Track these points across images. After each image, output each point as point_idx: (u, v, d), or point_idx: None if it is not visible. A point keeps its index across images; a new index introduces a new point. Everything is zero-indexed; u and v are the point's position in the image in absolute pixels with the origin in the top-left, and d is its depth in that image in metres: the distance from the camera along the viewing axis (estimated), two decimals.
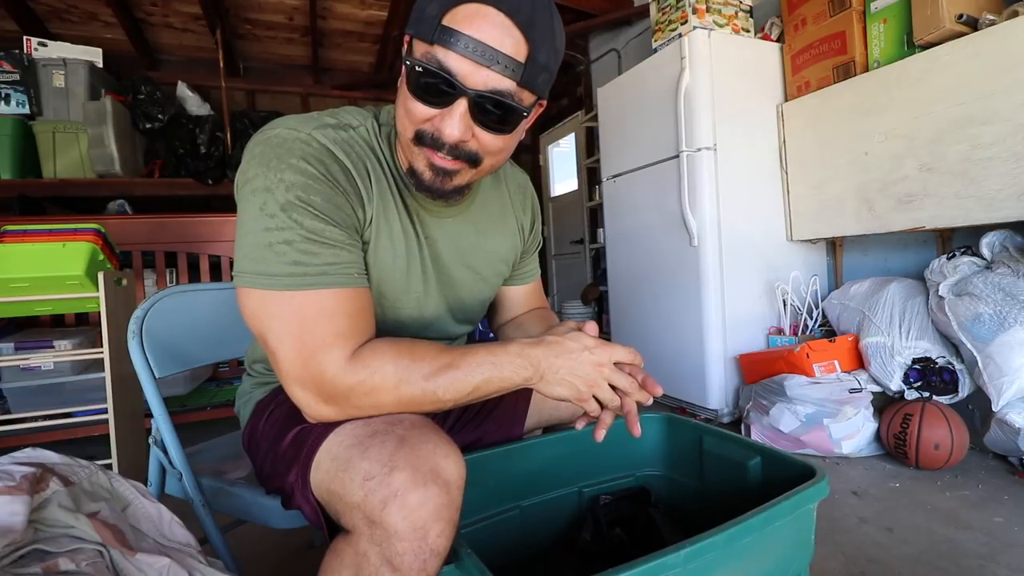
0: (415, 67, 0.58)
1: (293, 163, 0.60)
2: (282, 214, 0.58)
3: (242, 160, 0.63)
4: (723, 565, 0.52)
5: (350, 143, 0.66)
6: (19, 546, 0.47)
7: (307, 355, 0.58)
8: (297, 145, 0.61)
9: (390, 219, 0.69)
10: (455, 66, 0.57)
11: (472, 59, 0.56)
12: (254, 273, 0.59)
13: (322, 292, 0.59)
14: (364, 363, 0.59)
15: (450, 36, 0.56)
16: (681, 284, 2.16)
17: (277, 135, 0.62)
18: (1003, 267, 1.50)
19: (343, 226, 0.62)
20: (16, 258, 1.45)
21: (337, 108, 0.70)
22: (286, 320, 0.59)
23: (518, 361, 0.62)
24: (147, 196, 3.24)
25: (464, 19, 0.56)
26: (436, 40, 0.57)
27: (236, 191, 0.63)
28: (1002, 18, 1.50)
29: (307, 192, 0.59)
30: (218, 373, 2.80)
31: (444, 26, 0.56)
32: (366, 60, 4.34)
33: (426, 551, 0.51)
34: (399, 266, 0.71)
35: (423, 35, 0.58)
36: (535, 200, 0.93)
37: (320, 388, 0.59)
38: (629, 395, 0.65)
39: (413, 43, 0.60)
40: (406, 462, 0.53)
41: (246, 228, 0.60)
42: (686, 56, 2.04)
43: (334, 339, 0.59)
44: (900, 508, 1.35)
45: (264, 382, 0.83)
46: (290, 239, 0.58)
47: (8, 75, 2.82)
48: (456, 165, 0.63)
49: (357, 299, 0.62)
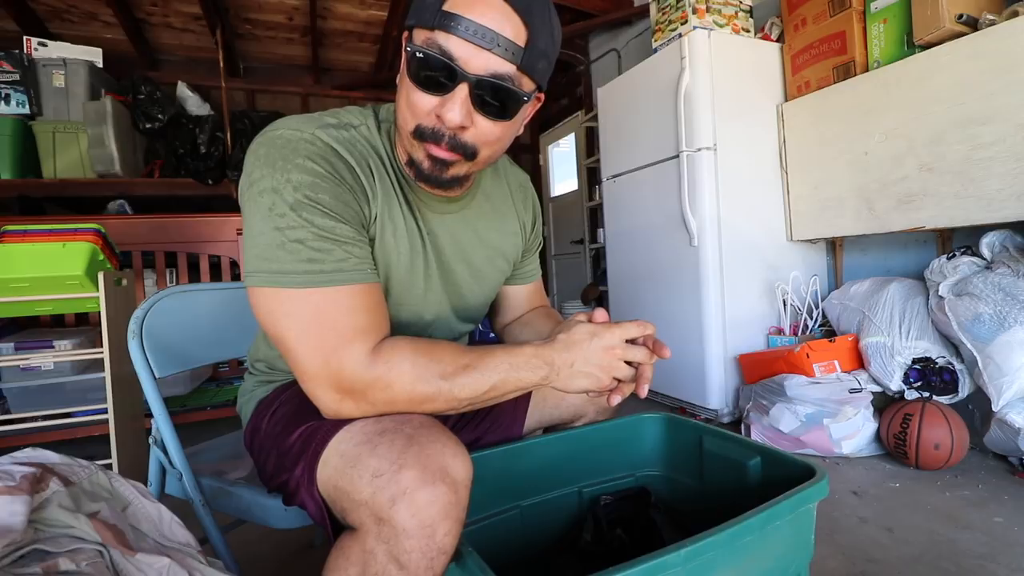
0: (416, 53, 0.59)
1: (299, 163, 0.60)
2: (292, 213, 0.59)
3: (245, 163, 0.63)
4: (723, 565, 0.52)
5: (352, 142, 0.66)
6: (19, 546, 0.47)
7: (327, 351, 0.58)
8: (302, 145, 0.61)
9: (394, 216, 0.69)
10: (456, 50, 0.57)
11: (473, 42, 0.57)
12: (268, 272, 0.59)
13: (339, 289, 0.60)
14: (383, 359, 0.59)
15: (451, 20, 0.56)
16: (681, 284, 2.16)
17: (280, 136, 0.62)
18: (1003, 267, 1.50)
19: (352, 223, 0.63)
20: (16, 258, 1.45)
21: (337, 108, 0.70)
22: (304, 318, 0.59)
23: (534, 361, 0.63)
24: (147, 196, 3.24)
25: (465, 4, 0.57)
26: (437, 25, 0.57)
27: (241, 194, 0.63)
28: (1002, 18, 1.49)
29: (315, 191, 0.60)
30: (218, 373, 2.80)
31: (445, 11, 0.57)
32: (366, 60, 4.34)
33: (433, 549, 0.51)
34: (403, 263, 0.71)
35: (424, 22, 0.59)
36: (535, 199, 0.94)
37: (339, 384, 0.59)
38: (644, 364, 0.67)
39: (413, 33, 0.61)
40: (415, 460, 0.53)
41: (256, 229, 0.60)
42: (686, 56, 2.03)
43: (353, 334, 0.59)
44: (900, 508, 1.35)
45: (266, 380, 0.82)
46: (302, 237, 0.58)
47: (8, 75, 2.82)
48: (453, 156, 0.64)
49: (372, 294, 0.63)
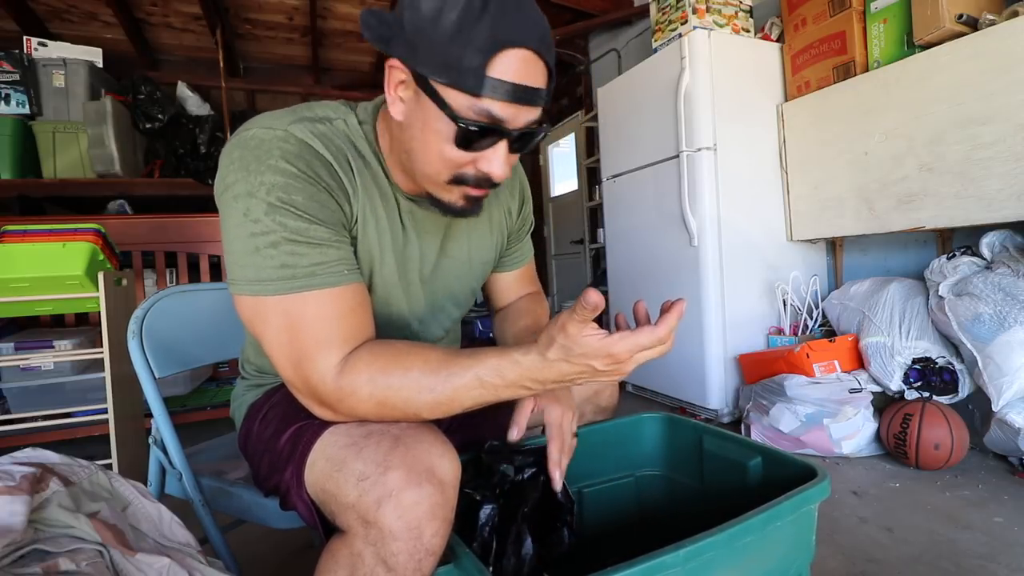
0: (465, 124, 0.57)
1: (272, 164, 0.58)
2: (266, 218, 0.57)
3: (220, 164, 0.61)
4: (723, 564, 0.51)
5: (329, 136, 0.64)
6: (19, 546, 0.47)
7: (295, 361, 0.59)
8: (275, 144, 0.59)
9: (376, 212, 0.68)
10: (503, 113, 0.57)
11: (518, 104, 0.57)
12: (244, 280, 0.59)
13: (311, 294, 0.59)
14: (345, 374, 0.58)
15: (499, 86, 0.56)
16: (681, 284, 2.15)
17: (253, 136, 0.60)
18: (1003, 267, 1.50)
19: (328, 223, 0.61)
20: (16, 258, 1.45)
21: (312, 102, 0.69)
22: (277, 326, 0.59)
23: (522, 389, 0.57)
24: (147, 196, 3.24)
25: (507, 67, 0.55)
26: (483, 92, 0.55)
27: (217, 197, 0.61)
28: (1002, 18, 1.49)
29: (288, 192, 0.58)
30: (218, 373, 2.80)
31: (491, 77, 0.55)
32: (366, 60, 4.34)
33: (421, 551, 0.51)
34: (387, 259, 0.70)
35: (466, 87, 0.55)
36: (524, 182, 0.91)
37: (311, 392, 0.59)
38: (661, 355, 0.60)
39: (446, 92, 0.57)
40: (401, 462, 0.53)
41: (232, 235, 0.59)
42: (686, 56, 2.03)
43: (317, 347, 0.58)
44: (900, 508, 1.35)
45: (256, 384, 0.82)
46: (275, 242, 0.57)
47: (8, 75, 2.82)
48: (487, 193, 0.67)
49: (348, 297, 0.61)
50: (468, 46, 0.54)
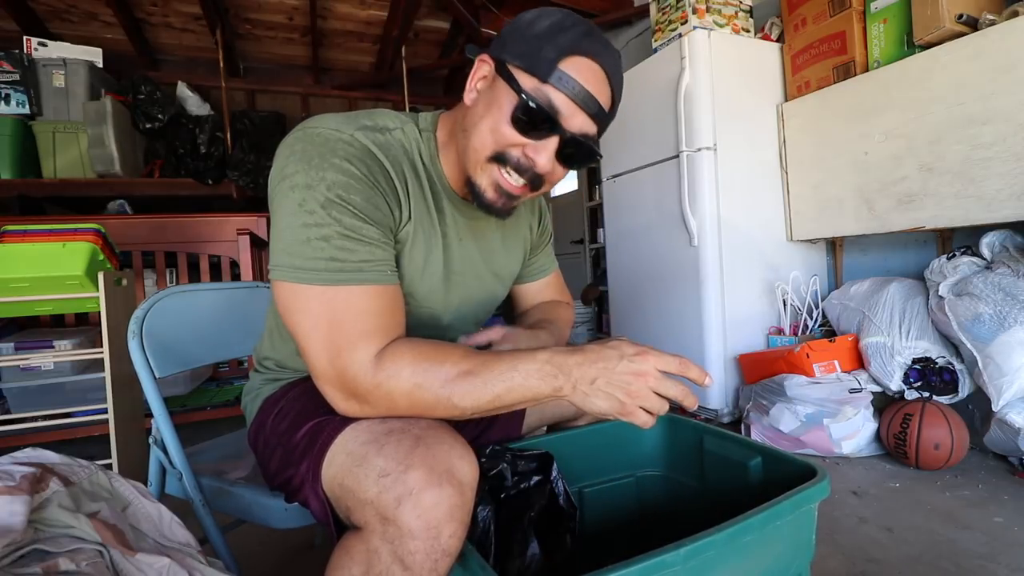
0: (528, 102, 0.62)
1: (336, 163, 0.61)
2: (321, 211, 0.60)
3: (278, 155, 0.64)
4: (723, 564, 0.51)
5: (388, 146, 0.68)
6: (19, 546, 0.47)
7: (333, 352, 0.59)
8: (340, 145, 0.62)
9: (424, 222, 0.71)
10: (562, 106, 0.63)
11: (577, 103, 0.63)
12: (290, 267, 0.60)
13: (356, 288, 0.60)
14: (383, 365, 0.59)
15: (564, 79, 0.62)
16: (681, 284, 2.15)
17: (320, 134, 0.63)
18: (1003, 267, 1.50)
19: (379, 225, 0.64)
20: (16, 258, 1.45)
21: (371, 110, 0.72)
22: (316, 315, 0.60)
23: (546, 368, 0.58)
24: (147, 196, 3.24)
25: (578, 69, 0.62)
26: (550, 80, 0.62)
27: (272, 186, 0.64)
28: (1002, 18, 1.49)
29: (348, 191, 0.61)
30: (218, 373, 2.80)
31: (561, 69, 0.62)
32: (366, 60, 4.34)
33: (438, 551, 0.52)
34: (430, 269, 0.73)
35: (537, 72, 0.62)
36: (541, 199, 0.94)
37: (344, 385, 0.60)
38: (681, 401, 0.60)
39: (515, 73, 0.63)
40: (422, 461, 0.53)
41: (283, 223, 0.61)
42: (686, 56, 2.03)
43: (359, 338, 0.59)
44: (900, 508, 1.35)
45: (274, 379, 0.83)
46: (327, 235, 0.60)
47: (8, 75, 2.82)
48: (522, 191, 0.69)
49: (389, 296, 0.64)
50: (550, 43, 0.62)
